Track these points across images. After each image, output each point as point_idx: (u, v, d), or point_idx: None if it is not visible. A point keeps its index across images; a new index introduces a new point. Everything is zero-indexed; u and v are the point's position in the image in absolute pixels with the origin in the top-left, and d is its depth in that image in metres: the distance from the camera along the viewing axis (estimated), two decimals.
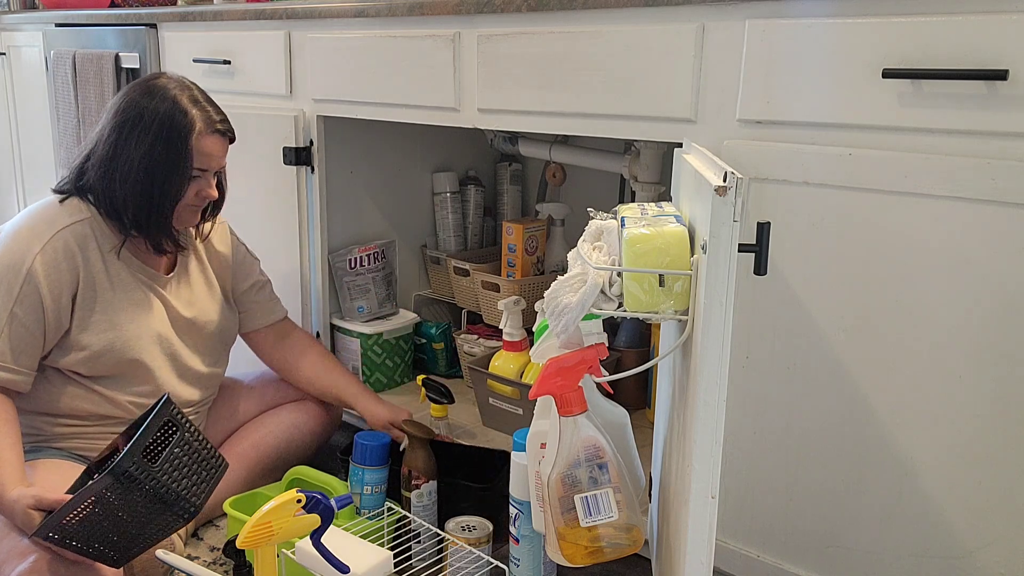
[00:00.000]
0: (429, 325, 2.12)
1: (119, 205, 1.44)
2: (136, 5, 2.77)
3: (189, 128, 1.42)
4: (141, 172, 1.41)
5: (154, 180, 1.42)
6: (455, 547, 1.38)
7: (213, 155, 1.47)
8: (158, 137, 1.41)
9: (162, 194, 1.43)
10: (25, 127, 2.88)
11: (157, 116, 1.41)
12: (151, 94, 1.44)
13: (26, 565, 1.18)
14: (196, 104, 1.45)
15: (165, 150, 1.41)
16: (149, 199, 1.43)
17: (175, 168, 1.43)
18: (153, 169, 1.41)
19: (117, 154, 1.42)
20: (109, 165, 1.43)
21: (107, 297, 1.44)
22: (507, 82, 1.50)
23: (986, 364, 1.07)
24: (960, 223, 1.06)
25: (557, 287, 1.07)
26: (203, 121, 1.45)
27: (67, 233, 1.41)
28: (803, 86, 1.16)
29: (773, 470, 1.28)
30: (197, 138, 1.43)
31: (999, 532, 1.10)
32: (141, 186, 1.42)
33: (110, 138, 1.43)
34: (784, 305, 1.22)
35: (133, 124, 1.42)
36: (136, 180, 1.42)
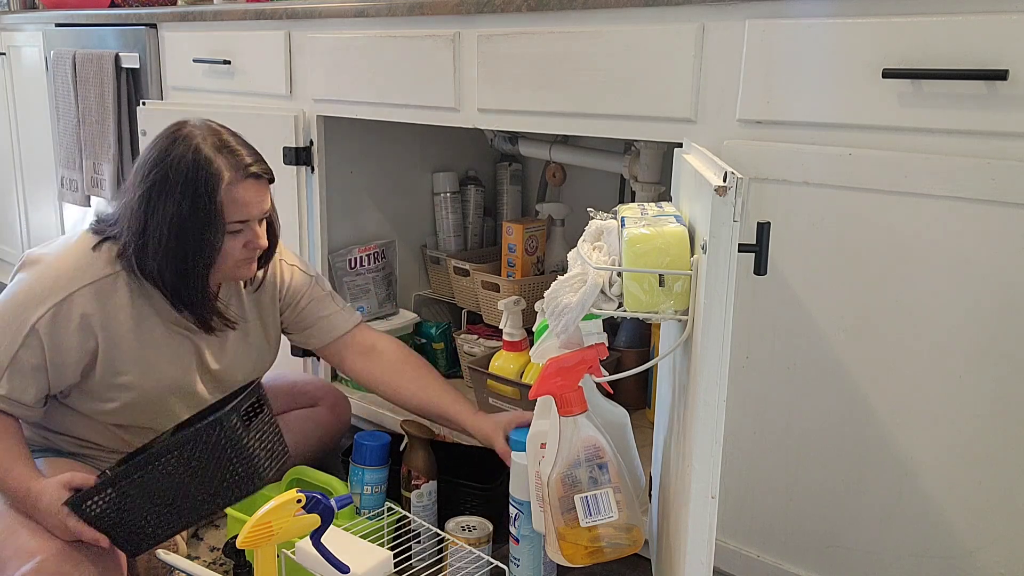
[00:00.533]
0: (429, 325, 2.12)
1: (155, 277, 1.33)
2: (136, 5, 2.78)
3: (216, 180, 1.29)
4: (172, 239, 1.30)
5: (187, 243, 1.30)
6: (455, 547, 1.38)
7: (250, 203, 1.32)
8: (184, 195, 1.29)
9: (196, 257, 1.31)
10: (25, 127, 2.88)
11: (181, 172, 1.29)
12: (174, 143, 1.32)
13: (32, 565, 1.18)
14: (222, 151, 1.31)
15: (192, 208, 1.29)
16: (184, 266, 1.31)
17: (206, 226, 1.30)
18: (184, 231, 1.29)
19: (148, 223, 1.31)
20: (142, 234, 1.31)
21: (134, 347, 1.36)
22: (507, 82, 1.50)
23: (986, 364, 1.07)
24: (960, 223, 1.06)
25: (557, 287, 1.07)
26: (231, 169, 1.31)
27: (88, 292, 1.31)
28: (803, 86, 1.16)
29: (773, 470, 1.28)
30: (227, 189, 1.30)
31: (999, 532, 1.10)
32: (174, 253, 1.31)
33: (143, 206, 1.31)
34: (784, 305, 1.22)
35: (161, 185, 1.30)
36: (168, 248, 1.30)
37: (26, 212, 3.00)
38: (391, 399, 1.59)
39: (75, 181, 2.51)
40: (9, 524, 1.25)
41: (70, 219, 2.76)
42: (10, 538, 1.23)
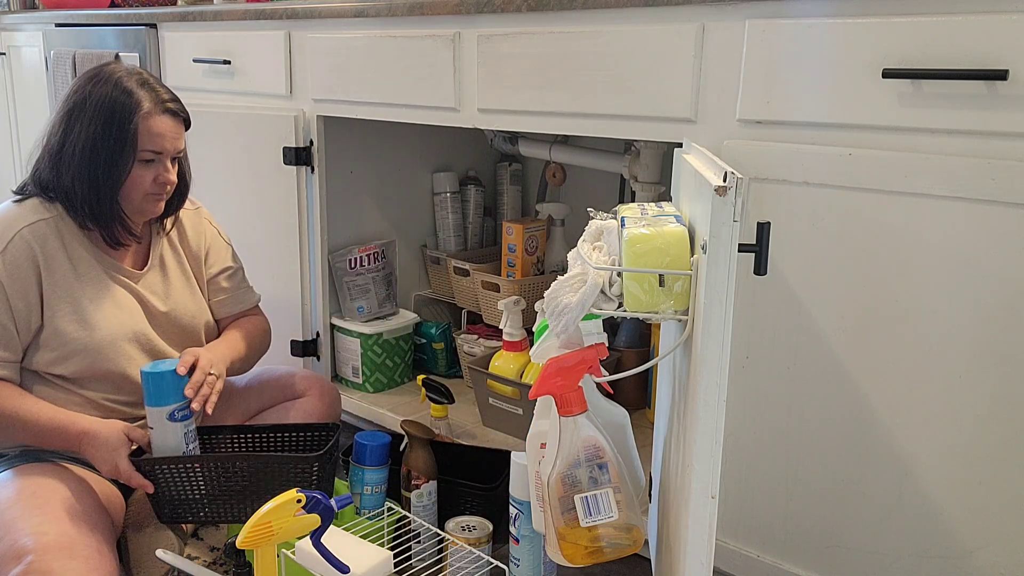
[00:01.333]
0: (429, 325, 2.12)
1: (68, 193, 1.41)
2: (136, 5, 2.77)
3: (134, 107, 1.37)
4: (86, 155, 1.38)
5: (98, 162, 1.38)
6: (455, 547, 1.38)
7: (164, 135, 1.40)
8: (99, 118, 1.37)
9: (107, 177, 1.38)
10: (25, 127, 2.88)
11: (101, 99, 1.38)
12: (97, 79, 1.40)
13: (22, 567, 1.18)
14: (144, 86, 1.40)
15: (108, 131, 1.37)
16: (95, 184, 1.39)
17: (119, 149, 1.38)
18: (96, 152, 1.37)
19: (64, 142, 1.39)
20: (58, 154, 1.40)
21: (76, 295, 1.42)
22: (507, 82, 1.50)
23: (986, 364, 1.07)
24: (960, 223, 1.06)
25: (557, 287, 1.07)
26: (151, 101, 1.39)
27: (26, 232, 1.38)
28: (803, 86, 1.16)
29: (773, 470, 1.28)
30: (144, 118, 1.38)
31: (999, 532, 1.10)
32: (87, 171, 1.38)
33: (58, 128, 1.41)
34: (784, 305, 1.22)
35: (79, 109, 1.39)
36: (80, 163, 1.38)
37: None
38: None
39: None
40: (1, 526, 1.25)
41: None
42: (0, 542, 1.23)
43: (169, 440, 1.36)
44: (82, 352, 1.41)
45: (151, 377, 1.35)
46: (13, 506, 1.28)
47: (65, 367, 1.41)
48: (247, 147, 1.97)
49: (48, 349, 1.41)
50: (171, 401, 1.35)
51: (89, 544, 1.24)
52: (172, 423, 1.36)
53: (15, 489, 1.32)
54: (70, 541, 1.23)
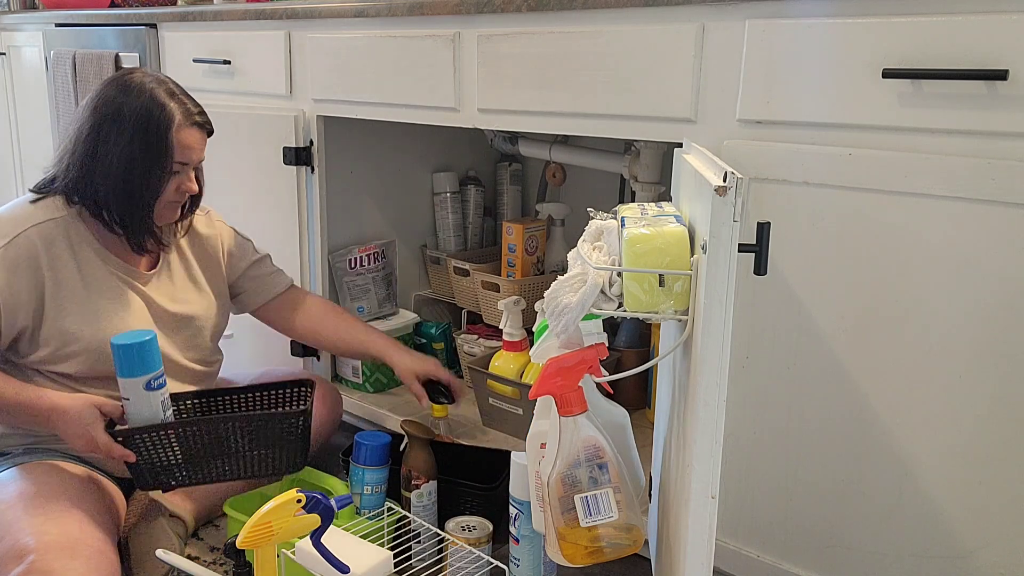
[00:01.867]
0: (429, 325, 2.12)
1: (101, 203, 1.42)
2: (136, 5, 2.77)
3: (168, 121, 1.41)
4: (121, 168, 1.40)
5: (134, 176, 1.41)
6: (455, 547, 1.38)
7: (193, 148, 1.45)
8: (137, 131, 1.40)
9: (143, 190, 1.42)
10: (25, 127, 2.88)
11: (135, 111, 1.40)
12: (128, 90, 1.42)
13: (23, 567, 1.18)
14: (173, 97, 1.44)
15: (145, 145, 1.40)
16: (130, 196, 1.41)
17: (156, 163, 1.41)
18: (133, 165, 1.40)
19: (96, 151, 1.41)
20: (90, 163, 1.41)
21: (82, 296, 1.43)
22: (507, 82, 1.50)
23: (986, 364, 1.07)
24: (960, 223, 1.06)
25: (557, 287, 1.07)
26: (182, 114, 1.43)
27: (33, 232, 1.40)
28: (803, 86, 1.16)
29: (773, 470, 1.28)
30: (177, 131, 1.42)
31: (999, 532, 1.10)
32: (122, 183, 1.41)
33: (90, 136, 1.42)
34: (784, 305, 1.22)
35: (112, 120, 1.41)
36: (117, 177, 1.40)
37: None
38: (321, 345, 1.77)
39: None
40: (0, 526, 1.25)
41: None
42: (1, 541, 1.23)
43: (146, 410, 1.36)
44: (85, 352, 1.42)
45: (125, 348, 1.34)
46: (15, 505, 1.28)
47: (68, 365, 1.42)
48: (247, 147, 1.97)
49: (50, 348, 1.41)
50: (147, 371, 1.36)
51: (91, 544, 1.24)
52: (149, 392, 1.36)
53: (17, 488, 1.32)
54: (72, 541, 1.23)
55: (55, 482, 1.34)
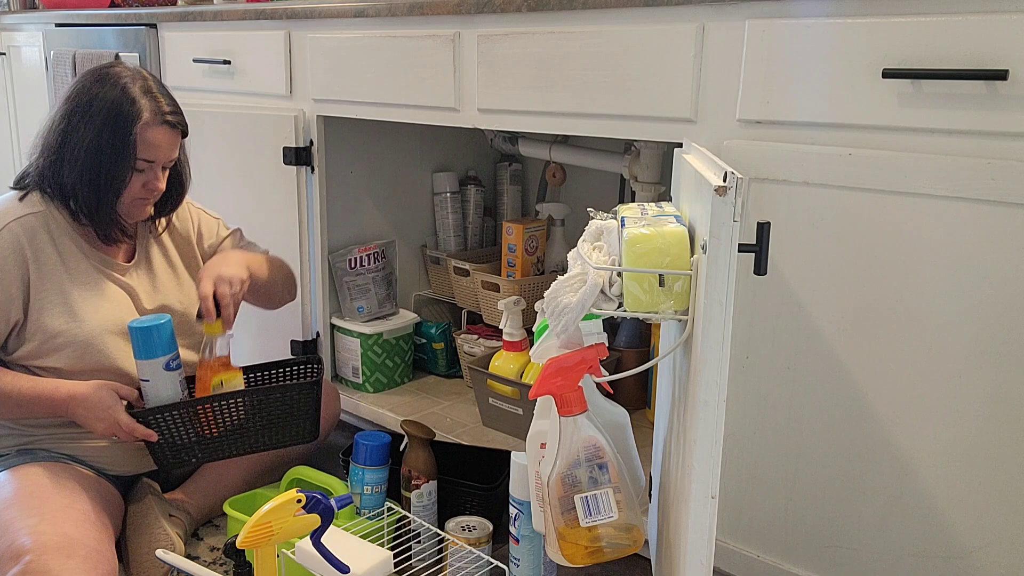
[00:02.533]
0: (429, 325, 2.12)
1: (67, 192, 1.42)
2: (136, 5, 2.77)
3: (135, 117, 1.40)
4: (88, 158, 1.40)
5: (100, 167, 1.40)
6: (455, 547, 1.38)
7: (160, 146, 1.43)
8: (105, 124, 1.39)
9: (107, 182, 1.41)
10: (25, 127, 2.88)
11: (105, 103, 1.40)
12: (103, 81, 1.42)
13: (20, 567, 1.18)
14: (147, 94, 1.42)
15: (111, 138, 1.39)
16: (95, 186, 1.41)
17: (119, 157, 1.40)
18: (99, 156, 1.39)
19: (65, 140, 1.41)
20: (58, 152, 1.42)
21: (65, 289, 1.43)
22: (507, 82, 1.50)
23: (986, 364, 1.07)
24: (960, 223, 1.06)
25: (557, 287, 1.07)
26: (151, 111, 1.41)
27: (15, 226, 1.40)
28: (803, 86, 1.16)
29: (773, 470, 1.28)
30: (142, 128, 1.40)
31: (999, 532, 1.10)
32: (88, 173, 1.40)
33: (59, 125, 1.42)
34: (784, 305, 1.22)
35: (83, 111, 1.40)
36: (83, 167, 1.40)
37: None
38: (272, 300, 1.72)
39: None
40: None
41: None
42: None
43: (165, 390, 1.40)
44: (71, 345, 1.42)
45: (143, 331, 1.38)
46: (11, 506, 1.28)
47: (55, 359, 1.42)
48: (247, 147, 1.96)
49: (35, 342, 1.41)
50: (165, 352, 1.39)
51: (87, 544, 1.24)
52: (168, 372, 1.40)
53: (13, 489, 1.32)
54: (68, 541, 1.23)
55: (50, 483, 1.34)
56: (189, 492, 1.56)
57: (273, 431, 1.50)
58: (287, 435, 1.52)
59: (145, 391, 1.41)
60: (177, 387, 1.43)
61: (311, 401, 1.50)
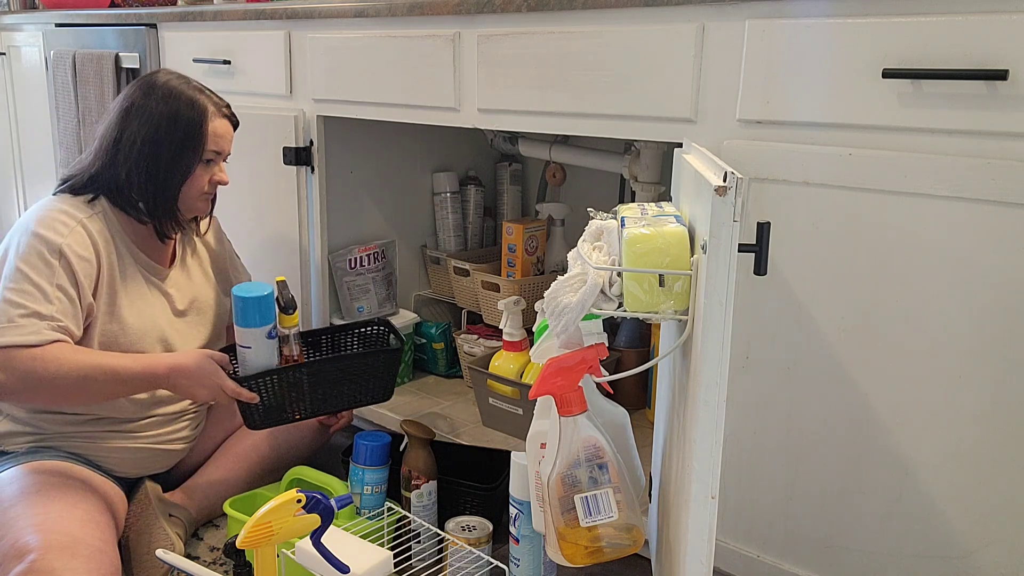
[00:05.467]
0: (429, 325, 2.12)
1: (130, 190, 1.46)
2: (136, 5, 2.77)
3: (203, 111, 1.47)
4: (153, 155, 1.44)
5: (160, 161, 1.44)
6: (455, 547, 1.38)
7: (224, 137, 1.50)
8: (171, 120, 1.44)
9: (170, 174, 1.45)
10: (25, 127, 2.88)
11: (168, 101, 1.45)
12: (154, 88, 1.47)
13: (24, 565, 1.18)
14: (202, 92, 1.50)
15: (173, 131, 1.44)
16: (161, 181, 1.45)
17: (186, 149, 1.45)
18: (159, 150, 1.44)
19: (120, 138, 1.45)
20: (116, 152, 1.45)
21: (116, 289, 1.46)
22: (507, 82, 1.50)
23: (986, 364, 1.07)
24: (960, 223, 1.06)
25: (557, 287, 1.07)
26: (213, 105, 1.49)
27: (87, 223, 1.43)
28: (803, 86, 1.16)
29: (773, 470, 1.28)
30: (211, 119, 1.47)
31: (999, 532, 1.10)
32: (154, 169, 1.44)
33: (115, 129, 1.46)
34: (784, 305, 1.22)
35: (143, 111, 1.45)
36: (148, 163, 1.44)
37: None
38: None
39: None
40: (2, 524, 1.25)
41: None
42: (2, 540, 1.23)
43: (264, 357, 1.48)
44: (111, 346, 1.44)
45: (253, 301, 1.45)
46: (17, 503, 1.28)
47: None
48: (247, 147, 1.96)
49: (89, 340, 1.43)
50: (268, 321, 1.47)
51: (91, 544, 1.24)
52: (270, 340, 1.48)
53: (20, 487, 1.32)
54: (72, 540, 1.23)
55: (57, 482, 1.34)
56: (189, 492, 1.56)
57: (358, 393, 1.58)
58: (368, 396, 1.60)
59: (243, 357, 1.47)
60: (274, 354, 1.49)
61: (393, 366, 1.60)
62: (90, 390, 1.35)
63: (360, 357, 1.56)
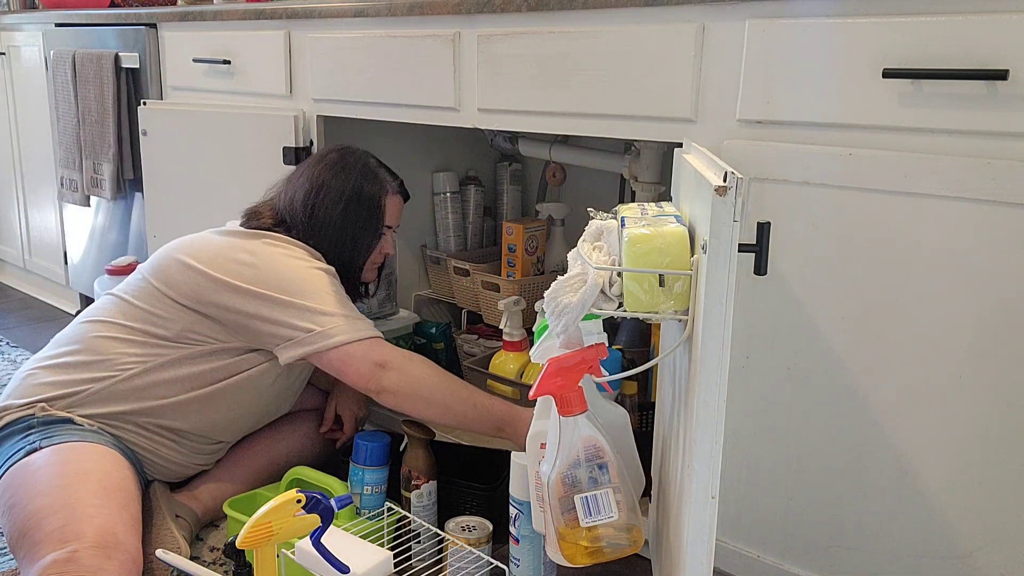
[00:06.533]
0: (429, 325, 2.12)
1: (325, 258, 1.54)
2: (136, 5, 2.77)
3: (383, 188, 1.58)
4: (345, 228, 1.55)
5: (355, 236, 1.56)
6: (455, 547, 1.38)
7: (397, 214, 1.62)
8: (360, 199, 1.56)
9: (362, 248, 1.57)
10: (25, 127, 2.88)
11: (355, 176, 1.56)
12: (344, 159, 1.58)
13: (65, 552, 1.17)
14: (381, 167, 1.60)
15: (366, 210, 1.56)
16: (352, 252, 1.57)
17: (369, 225, 1.57)
18: (355, 225, 1.56)
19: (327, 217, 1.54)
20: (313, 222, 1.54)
21: None
22: (507, 82, 1.50)
23: (986, 364, 1.07)
24: (960, 223, 1.06)
25: (557, 287, 1.07)
26: (391, 183, 1.60)
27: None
28: (803, 86, 1.16)
29: (773, 470, 1.28)
30: (389, 197, 1.59)
31: (999, 532, 1.10)
32: (347, 240, 1.55)
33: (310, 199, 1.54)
34: (784, 305, 1.22)
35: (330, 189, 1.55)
36: (340, 235, 1.55)
37: (26, 212, 3.00)
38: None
39: (75, 181, 2.51)
40: (55, 501, 1.24)
41: (70, 219, 2.76)
42: (46, 520, 1.22)
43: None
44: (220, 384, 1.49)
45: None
46: (81, 484, 1.28)
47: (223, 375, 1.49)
48: (247, 147, 1.96)
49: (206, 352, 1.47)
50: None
51: (128, 551, 1.24)
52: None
53: (86, 468, 1.31)
54: (116, 542, 1.22)
55: (119, 478, 1.33)
56: (195, 494, 1.56)
57: None
58: None
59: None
60: None
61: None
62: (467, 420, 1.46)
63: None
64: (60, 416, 1.40)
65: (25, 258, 3.06)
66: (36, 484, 1.27)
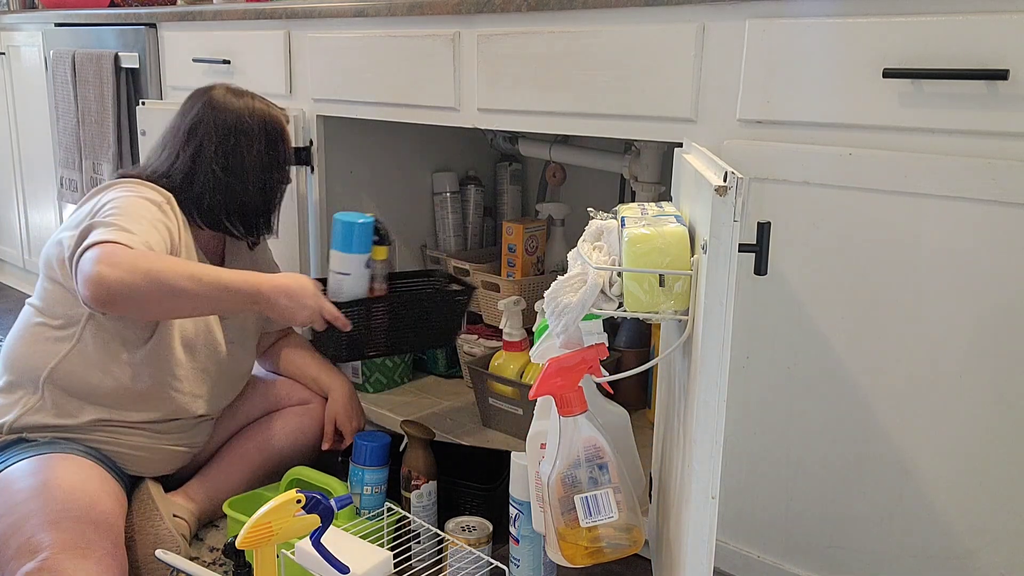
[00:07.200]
0: None
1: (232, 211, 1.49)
2: (136, 5, 2.77)
3: (284, 123, 1.53)
4: (256, 175, 1.49)
5: (268, 180, 1.51)
6: (455, 547, 1.38)
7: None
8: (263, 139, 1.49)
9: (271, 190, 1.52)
10: (25, 127, 2.88)
11: (254, 119, 1.49)
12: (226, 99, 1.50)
13: (35, 564, 1.18)
14: (267, 102, 1.54)
15: (272, 150, 1.50)
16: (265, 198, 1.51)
17: (284, 163, 1.53)
18: (267, 170, 1.50)
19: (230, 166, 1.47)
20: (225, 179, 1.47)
21: None
22: (507, 82, 1.50)
23: (986, 364, 1.07)
24: (961, 223, 1.06)
25: (557, 287, 1.07)
26: (283, 115, 1.55)
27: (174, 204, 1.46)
28: (803, 86, 1.16)
29: (773, 470, 1.28)
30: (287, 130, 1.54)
31: (999, 532, 1.10)
32: (258, 188, 1.49)
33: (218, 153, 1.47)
34: (784, 305, 1.22)
35: (237, 132, 1.48)
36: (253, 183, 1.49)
37: (26, 212, 3.00)
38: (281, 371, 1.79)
39: (75, 181, 2.51)
40: (15, 521, 1.25)
41: None
42: (15, 536, 1.23)
43: (359, 286, 1.53)
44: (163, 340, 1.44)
45: (356, 227, 1.47)
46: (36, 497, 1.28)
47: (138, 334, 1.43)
48: None
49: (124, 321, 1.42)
50: (366, 250, 1.50)
51: (103, 546, 1.24)
52: (366, 270, 1.53)
53: (40, 480, 1.31)
54: (86, 541, 1.22)
55: (76, 480, 1.33)
56: (192, 493, 1.56)
57: (428, 334, 1.63)
58: (434, 339, 1.64)
59: (340, 284, 1.49)
60: (366, 285, 1.53)
61: (464, 308, 1.65)
62: (192, 294, 1.29)
63: (440, 295, 1.61)
64: (10, 439, 1.40)
65: (25, 258, 3.06)
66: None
